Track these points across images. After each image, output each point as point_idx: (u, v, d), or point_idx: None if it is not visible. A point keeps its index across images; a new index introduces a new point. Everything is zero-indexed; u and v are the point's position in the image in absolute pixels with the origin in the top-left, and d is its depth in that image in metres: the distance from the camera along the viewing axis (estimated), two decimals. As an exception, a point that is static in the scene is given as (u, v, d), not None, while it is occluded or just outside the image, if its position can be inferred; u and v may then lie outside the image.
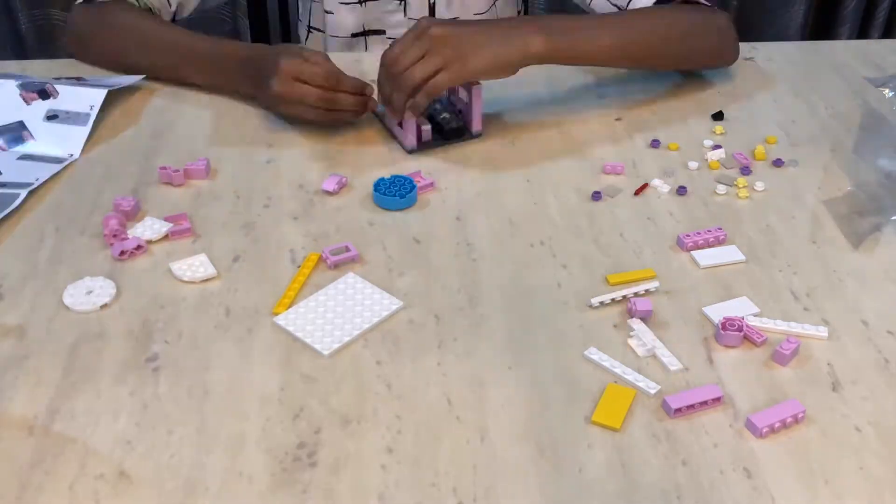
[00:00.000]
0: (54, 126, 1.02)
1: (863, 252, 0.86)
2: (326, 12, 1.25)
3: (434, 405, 0.70)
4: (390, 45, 0.97)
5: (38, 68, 1.16)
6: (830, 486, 0.63)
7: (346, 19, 1.25)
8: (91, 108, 1.03)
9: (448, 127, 1.01)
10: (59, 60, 1.20)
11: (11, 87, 1.04)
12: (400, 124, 0.98)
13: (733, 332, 0.74)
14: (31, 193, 0.92)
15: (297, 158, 0.99)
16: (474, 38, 0.95)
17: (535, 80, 1.14)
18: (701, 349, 0.75)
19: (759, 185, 0.94)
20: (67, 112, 1.03)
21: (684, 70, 1.14)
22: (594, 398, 0.70)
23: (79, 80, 1.08)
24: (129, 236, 0.85)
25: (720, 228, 0.86)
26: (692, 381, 0.72)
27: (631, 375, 0.71)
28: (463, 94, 1.01)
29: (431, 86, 0.93)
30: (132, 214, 0.89)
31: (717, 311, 0.78)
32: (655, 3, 1.10)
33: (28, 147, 1.00)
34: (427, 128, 1.00)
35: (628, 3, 1.12)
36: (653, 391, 0.70)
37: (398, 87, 0.94)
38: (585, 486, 0.63)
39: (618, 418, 0.68)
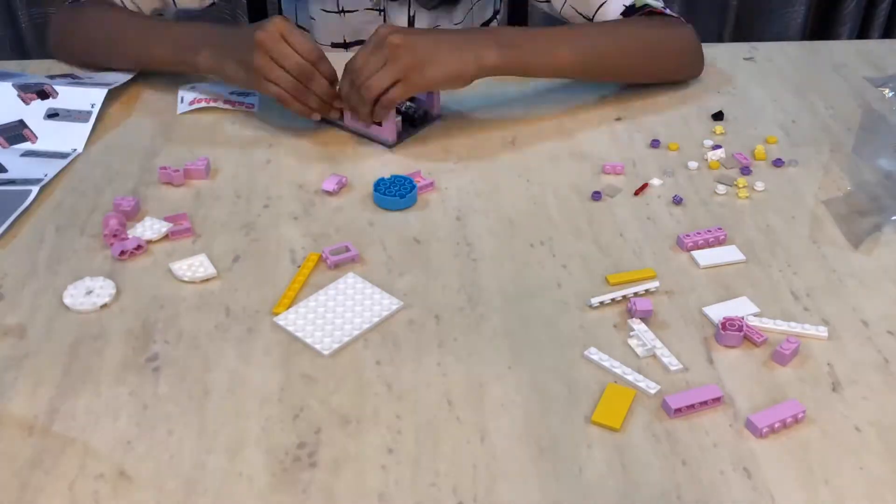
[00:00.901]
0: (55, 124, 1.02)
1: (863, 252, 0.86)
2: (310, 18, 1.25)
3: (434, 405, 0.70)
4: (355, 55, 0.98)
5: (37, 68, 1.16)
6: (830, 486, 0.63)
7: (328, 27, 1.24)
8: (92, 107, 1.04)
9: (416, 115, 1.03)
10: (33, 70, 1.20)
11: (8, 87, 1.04)
12: (379, 123, 1.00)
13: (733, 332, 0.74)
14: (41, 190, 0.92)
15: (297, 158, 0.99)
16: (430, 49, 0.96)
17: (535, 79, 1.14)
18: (701, 349, 0.75)
19: (759, 185, 0.94)
20: (68, 111, 1.03)
21: (648, 83, 1.12)
22: (594, 398, 0.70)
23: (74, 79, 1.09)
24: (129, 236, 0.85)
25: (720, 228, 0.86)
26: (692, 381, 0.72)
27: (631, 375, 0.71)
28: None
29: (387, 99, 0.96)
30: (132, 214, 0.89)
31: (717, 312, 0.78)
32: (623, 14, 1.10)
33: (30, 146, 1.00)
34: (398, 119, 1.01)
35: (595, 13, 1.11)
36: (653, 391, 0.70)
37: (360, 98, 0.97)
38: (585, 486, 0.64)
39: (618, 418, 0.68)
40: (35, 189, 0.91)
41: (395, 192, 0.91)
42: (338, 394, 0.71)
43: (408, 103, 1.04)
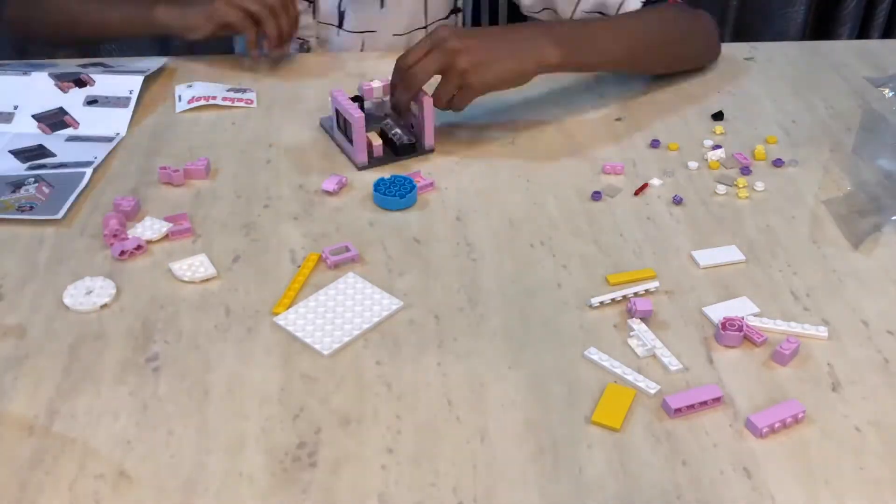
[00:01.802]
0: (95, 110, 1.03)
1: (863, 252, 0.86)
2: None
3: (434, 405, 0.70)
4: (406, 52, 0.97)
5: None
6: (830, 486, 0.63)
7: None
8: (130, 93, 1.05)
9: (400, 143, 0.99)
10: (61, 61, 1.20)
11: (44, 77, 1.05)
12: (350, 140, 0.96)
13: (733, 332, 0.74)
14: (95, 171, 0.93)
15: (297, 158, 0.99)
16: (490, 51, 0.95)
17: (534, 79, 1.13)
18: (701, 349, 0.75)
19: (759, 185, 0.94)
20: (107, 97, 1.04)
21: (675, 71, 1.14)
22: (594, 398, 0.70)
23: (106, 67, 1.10)
24: (129, 236, 0.85)
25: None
26: (692, 381, 0.72)
27: (631, 375, 0.71)
28: (415, 107, 0.99)
29: (454, 106, 0.97)
30: (132, 214, 0.89)
31: (717, 311, 0.78)
32: (644, 5, 1.10)
33: (73, 131, 1.01)
34: (378, 144, 0.98)
35: (618, 11, 1.11)
36: (653, 391, 0.70)
37: (413, 94, 0.96)
38: (585, 486, 0.63)
39: (618, 418, 0.68)
40: (89, 171, 0.93)
41: (395, 192, 0.91)
42: (338, 394, 0.71)
43: (396, 130, 0.99)
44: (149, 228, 0.87)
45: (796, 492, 0.63)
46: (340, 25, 1.22)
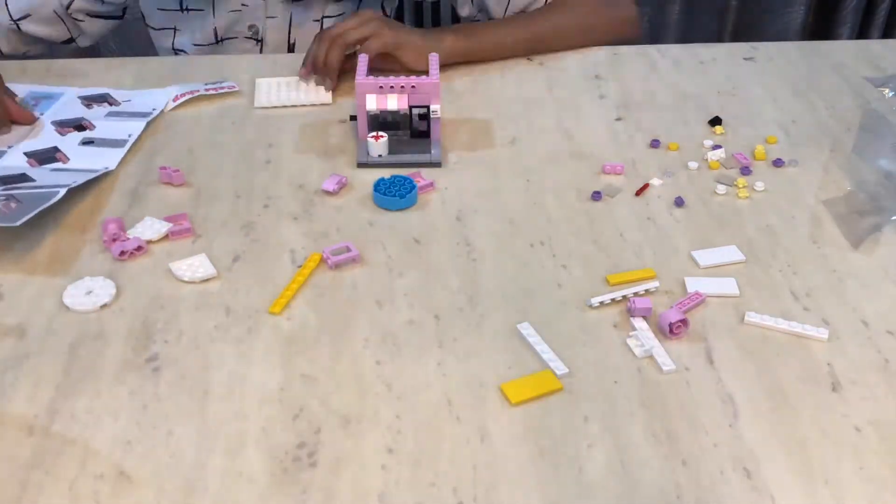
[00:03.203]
0: (90, 149, 1.00)
1: (863, 252, 0.86)
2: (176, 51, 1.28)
3: (434, 405, 0.70)
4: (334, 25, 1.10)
5: (37, 67, 1.16)
6: (830, 486, 0.63)
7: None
8: (129, 136, 1.02)
9: (406, 133, 1.00)
10: (57, 61, 1.20)
11: (46, 124, 1.03)
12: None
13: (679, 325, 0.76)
14: (69, 192, 0.89)
15: (297, 158, 0.99)
16: (403, 26, 1.12)
17: (535, 79, 1.14)
18: (701, 349, 0.75)
19: (759, 185, 0.94)
20: (104, 139, 1.02)
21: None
22: (594, 398, 0.70)
23: (110, 105, 1.07)
24: (130, 237, 0.85)
25: None
26: (692, 380, 0.72)
27: (553, 363, 0.71)
28: (421, 124, 1.00)
29: (365, 46, 1.06)
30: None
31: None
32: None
33: (60, 165, 0.98)
34: (384, 140, 0.98)
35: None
36: (559, 372, 0.72)
37: (334, 44, 1.07)
38: (585, 486, 0.64)
39: (522, 396, 0.69)
40: (63, 190, 0.88)
41: (395, 192, 0.91)
42: (338, 394, 0.71)
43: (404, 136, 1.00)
44: (149, 228, 0.87)
45: (796, 492, 0.63)
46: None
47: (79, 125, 1.03)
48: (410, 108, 0.99)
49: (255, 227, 0.89)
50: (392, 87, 0.98)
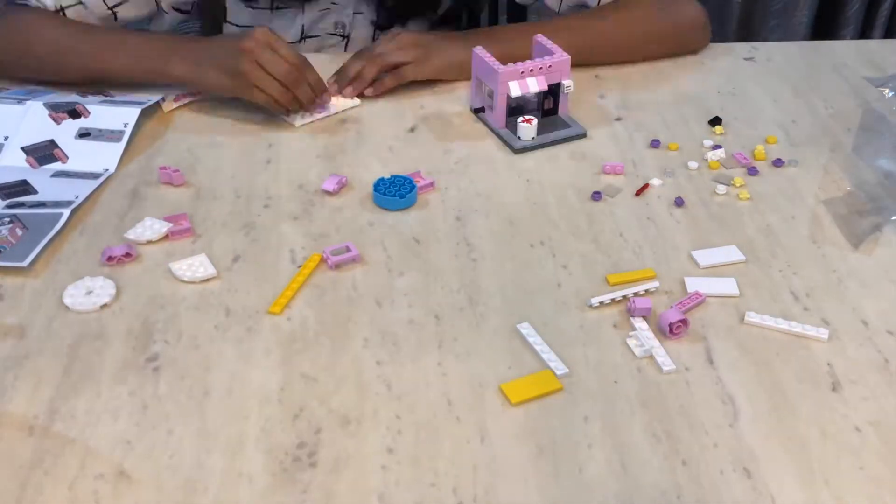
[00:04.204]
0: (87, 143, 0.99)
1: (863, 252, 0.86)
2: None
3: (434, 405, 0.70)
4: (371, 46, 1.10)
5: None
6: (830, 486, 0.63)
7: None
8: (125, 126, 1.01)
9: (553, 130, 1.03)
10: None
11: (38, 107, 1.02)
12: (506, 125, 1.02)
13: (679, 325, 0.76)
14: (73, 212, 0.89)
15: (297, 158, 0.99)
16: (437, 43, 1.09)
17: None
18: (701, 349, 0.75)
19: (759, 185, 0.94)
20: (100, 130, 1.01)
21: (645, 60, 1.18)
22: (594, 398, 0.70)
23: (105, 97, 1.07)
24: (123, 242, 0.85)
25: None
26: (692, 380, 0.72)
27: (554, 363, 0.71)
28: (547, 102, 1.04)
29: (399, 73, 1.07)
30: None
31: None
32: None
33: (60, 166, 0.98)
34: (535, 122, 1.01)
35: (599, 1, 1.16)
36: (559, 372, 0.72)
37: (372, 63, 1.07)
38: (585, 486, 0.64)
39: (522, 396, 0.69)
40: (66, 212, 0.88)
41: (395, 192, 0.91)
42: (338, 394, 0.71)
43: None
44: (149, 228, 0.87)
45: (796, 492, 0.63)
46: None
47: (73, 111, 1.02)
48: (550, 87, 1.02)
49: (255, 227, 0.89)
50: (532, 70, 1.00)
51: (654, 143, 1.02)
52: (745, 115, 1.08)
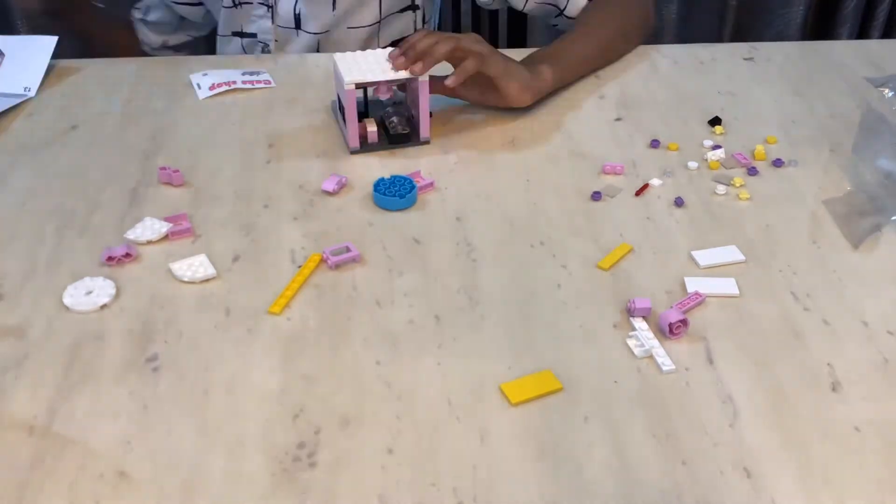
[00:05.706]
0: None
1: (863, 252, 0.86)
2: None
3: (434, 405, 0.70)
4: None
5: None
6: (830, 486, 0.63)
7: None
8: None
9: (393, 132, 1.01)
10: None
11: None
12: (346, 122, 0.99)
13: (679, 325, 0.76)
14: None
15: (297, 158, 0.99)
16: (508, 57, 1.04)
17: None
18: (701, 349, 0.75)
19: (759, 185, 0.94)
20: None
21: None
22: (594, 398, 0.70)
23: None
24: (123, 242, 0.85)
25: None
26: (692, 380, 0.72)
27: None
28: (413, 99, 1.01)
29: (466, 64, 0.99)
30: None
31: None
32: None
33: None
34: (373, 130, 0.99)
35: (566, 4, 1.20)
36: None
37: (445, 41, 0.98)
38: (585, 486, 0.64)
39: (522, 396, 0.69)
40: None
41: (395, 192, 0.91)
42: (338, 394, 0.71)
43: (394, 118, 1.02)
44: (148, 229, 0.87)
45: (796, 492, 0.63)
46: (298, 27, 1.25)
47: None
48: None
49: (255, 227, 0.89)
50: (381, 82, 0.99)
51: (654, 143, 1.02)
52: (744, 115, 1.08)
